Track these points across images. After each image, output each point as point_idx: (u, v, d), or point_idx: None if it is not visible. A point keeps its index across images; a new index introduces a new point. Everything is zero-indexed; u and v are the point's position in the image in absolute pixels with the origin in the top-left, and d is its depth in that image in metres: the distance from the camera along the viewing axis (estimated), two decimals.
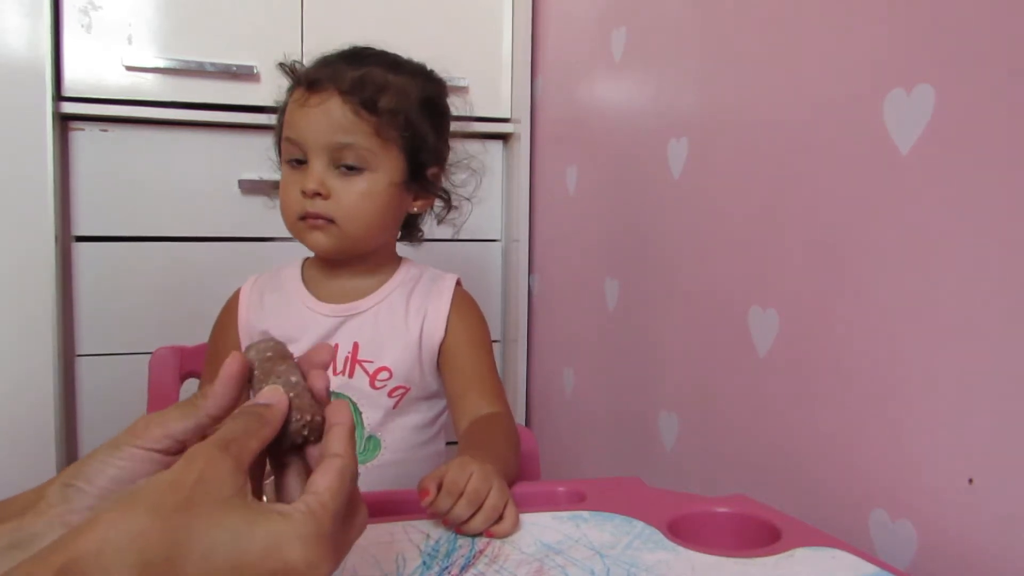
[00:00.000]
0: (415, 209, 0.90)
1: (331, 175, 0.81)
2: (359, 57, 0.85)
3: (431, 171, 0.88)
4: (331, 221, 0.82)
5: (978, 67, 0.64)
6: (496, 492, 0.62)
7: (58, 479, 0.42)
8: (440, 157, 0.89)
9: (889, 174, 0.72)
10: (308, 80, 0.82)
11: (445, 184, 0.92)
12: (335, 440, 0.44)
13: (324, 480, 0.41)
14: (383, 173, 0.83)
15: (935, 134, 0.68)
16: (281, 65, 0.87)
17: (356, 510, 0.44)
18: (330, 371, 0.85)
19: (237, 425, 0.42)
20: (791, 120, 0.85)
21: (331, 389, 0.88)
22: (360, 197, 0.82)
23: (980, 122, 0.64)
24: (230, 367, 0.46)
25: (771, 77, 0.89)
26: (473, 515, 0.61)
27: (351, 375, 0.85)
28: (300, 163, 0.83)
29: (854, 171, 0.77)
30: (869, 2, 0.75)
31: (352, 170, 0.82)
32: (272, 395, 0.45)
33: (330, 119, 0.80)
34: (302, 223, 0.83)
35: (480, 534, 0.61)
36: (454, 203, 0.94)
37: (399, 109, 0.82)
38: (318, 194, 0.81)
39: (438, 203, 0.93)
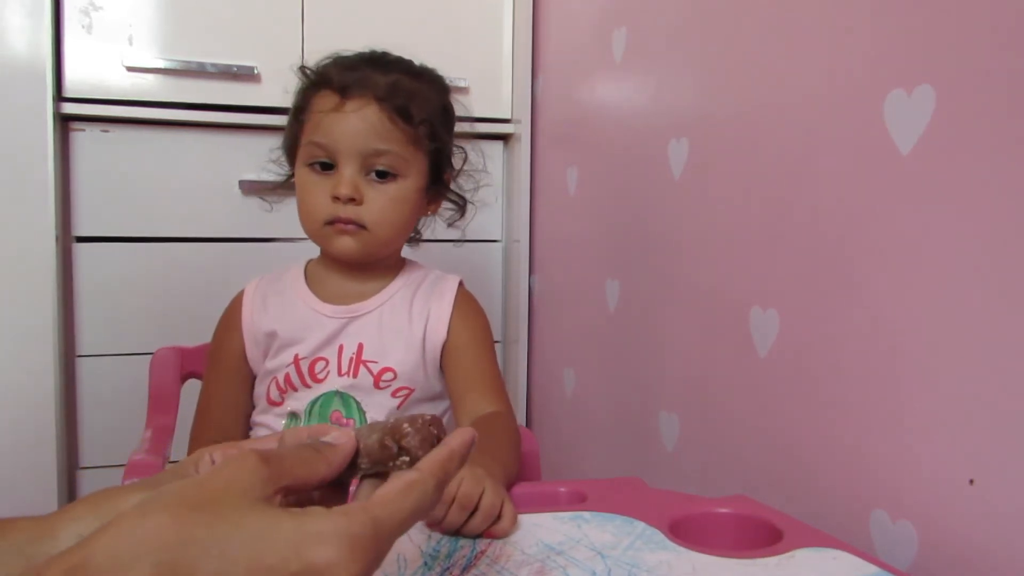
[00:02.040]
0: (429, 213, 0.91)
1: (362, 181, 0.82)
2: (383, 63, 0.85)
3: (446, 175, 0.90)
4: (362, 227, 0.82)
5: (978, 67, 0.64)
6: (490, 492, 0.62)
7: (73, 520, 0.40)
8: (451, 160, 0.91)
9: (890, 175, 0.72)
10: (340, 85, 0.82)
11: (454, 187, 0.93)
12: (426, 458, 0.41)
13: (384, 488, 0.38)
14: (412, 179, 0.84)
15: (936, 135, 0.68)
16: (301, 68, 0.87)
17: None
18: (335, 371, 0.85)
19: (290, 449, 0.40)
20: (791, 121, 0.85)
21: (337, 390, 0.88)
22: (391, 203, 0.83)
23: (981, 123, 0.64)
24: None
25: (771, 78, 0.89)
26: (469, 518, 0.61)
27: (355, 375, 0.85)
28: (324, 167, 0.82)
29: (855, 172, 0.77)
30: (869, 2, 0.75)
31: (383, 176, 0.82)
32: (340, 436, 0.42)
33: (368, 125, 0.80)
34: (329, 228, 0.83)
35: (480, 535, 0.61)
36: (463, 206, 0.95)
37: (428, 118, 0.84)
38: (352, 200, 0.81)
39: (449, 206, 0.94)
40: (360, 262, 0.86)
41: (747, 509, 0.68)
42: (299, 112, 0.86)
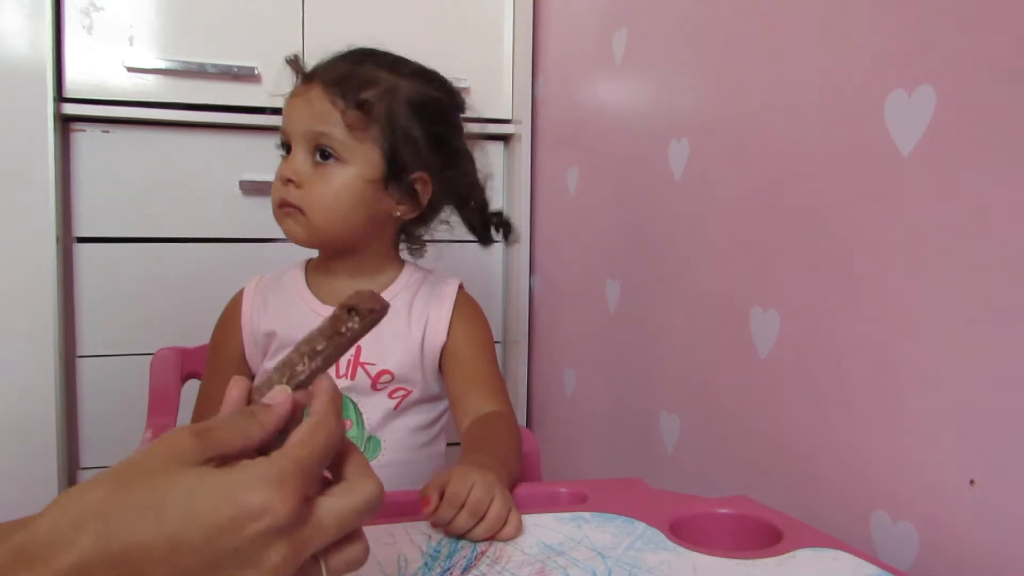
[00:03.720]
0: (398, 214, 0.86)
1: (309, 164, 0.82)
2: (358, 55, 0.86)
3: (415, 176, 0.84)
4: (301, 210, 0.82)
5: (979, 68, 0.64)
6: (499, 502, 0.61)
7: None
8: (429, 163, 0.85)
9: (890, 175, 0.72)
10: (304, 73, 0.85)
11: (451, 210, 0.91)
12: (314, 404, 0.45)
13: (295, 434, 0.42)
14: (355, 167, 0.82)
15: (936, 135, 0.68)
16: (291, 62, 0.87)
17: (355, 480, 0.44)
18: (333, 373, 0.85)
19: (227, 418, 0.42)
20: (792, 121, 0.85)
21: None
22: (328, 187, 0.82)
23: (981, 123, 0.64)
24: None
25: (772, 78, 0.89)
26: (475, 525, 0.61)
27: (353, 377, 0.85)
28: (289, 152, 0.84)
29: (855, 172, 0.77)
30: (869, 3, 0.75)
31: (328, 160, 0.82)
32: (277, 395, 0.45)
33: (310, 107, 0.81)
34: (280, 211, 0.84)
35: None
36: (441, 217, 0.92)
37: (379, 104, 0.82)
38: (290, 181, 0.82)
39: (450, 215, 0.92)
40: (310, 247, 0.86)
41: (747, 509, 0.68)
42: None
